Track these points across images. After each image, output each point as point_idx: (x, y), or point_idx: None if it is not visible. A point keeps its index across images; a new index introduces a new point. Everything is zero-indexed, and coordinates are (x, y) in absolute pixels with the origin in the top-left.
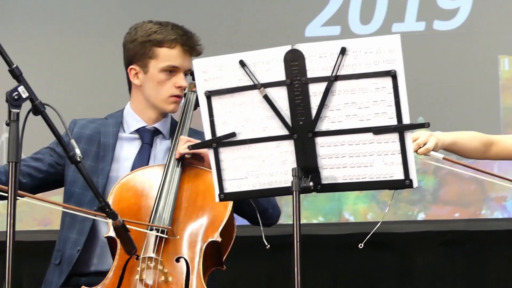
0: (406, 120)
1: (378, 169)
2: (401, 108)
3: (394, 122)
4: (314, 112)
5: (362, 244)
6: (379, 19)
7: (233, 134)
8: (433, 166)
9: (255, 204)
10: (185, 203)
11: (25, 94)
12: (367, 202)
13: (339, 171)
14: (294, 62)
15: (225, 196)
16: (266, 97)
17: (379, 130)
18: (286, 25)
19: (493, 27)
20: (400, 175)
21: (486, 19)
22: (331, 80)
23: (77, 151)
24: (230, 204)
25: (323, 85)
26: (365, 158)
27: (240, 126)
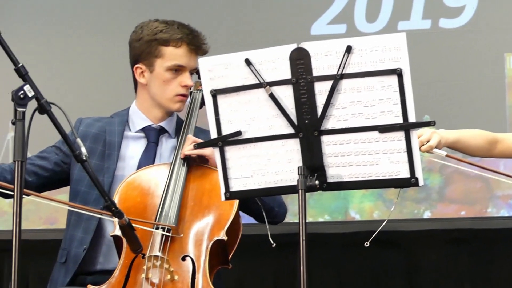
0: (412, 119)
1: (384, 168)
2: (407, 106)
3: (400, 121)
4: (320, 111)
5: (368, 243)
6: (385, 17)
7: (239, 133)
8: (439, 164)
9: (261, 203)
10: (191, 202)
11: (31, 93)
12: (373, 201)
13: (345, 170)
14: (300, 61)
15: (231, 195)
16: (272, 96)
17: (385, 129)
18: (292, 24)
19: (499, 25)
20: (406, 174)
21: (492, 17)
22: (337, 79)
23: (83, 150)
24: (236, 203)
25: (329, 84)
26: (371, 157)
27: (246, 125)
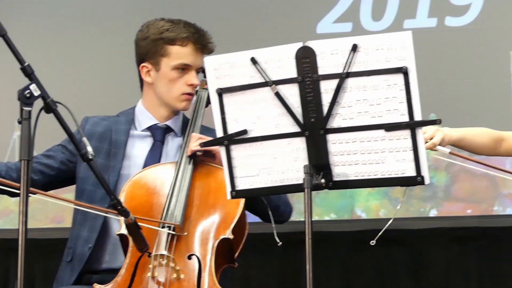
0: (418, 117)
1: (390, 166)
2: (413, 105)
3: (406, 119)
4: (326, 109)
5: (374, 241)
6: (391, 16)
7: (245, 132)
8: (445, 163)
9: (267, 201)
10: (197, 201)
11: (37, 92)
12: (379, 199)
13: (351, 168)
14: (306, 59)
15: (237, 194)
16: (278, 94)
17: (391, 127)
18: (298, 22)
19: (505, 23)
20: (412, 172)
21: (498, 15)
22: (343, 77)
23: (89, 149)
24: (242, 202)
25: (335, 82)
26: (377, 155)
27: (252, 124)
